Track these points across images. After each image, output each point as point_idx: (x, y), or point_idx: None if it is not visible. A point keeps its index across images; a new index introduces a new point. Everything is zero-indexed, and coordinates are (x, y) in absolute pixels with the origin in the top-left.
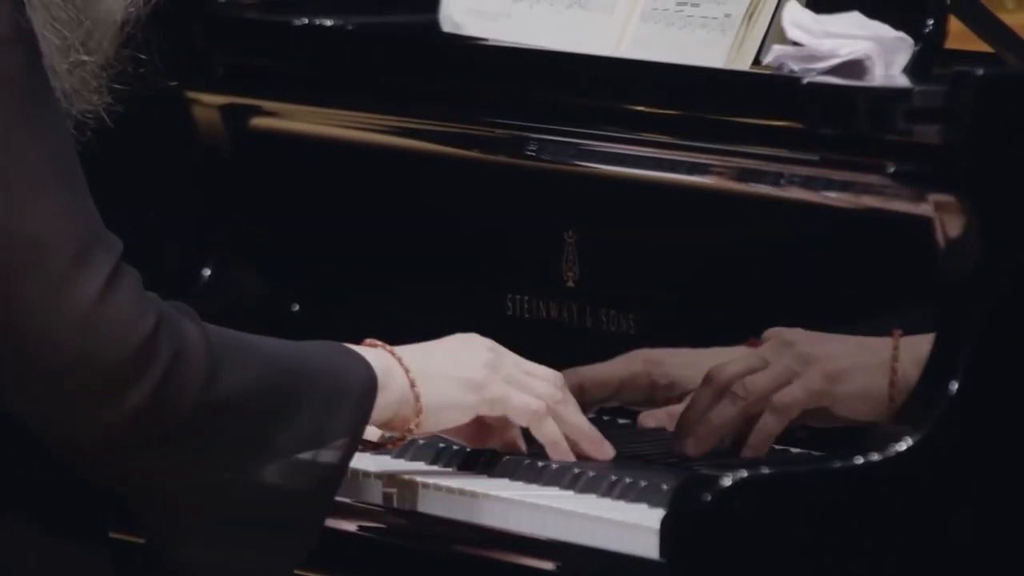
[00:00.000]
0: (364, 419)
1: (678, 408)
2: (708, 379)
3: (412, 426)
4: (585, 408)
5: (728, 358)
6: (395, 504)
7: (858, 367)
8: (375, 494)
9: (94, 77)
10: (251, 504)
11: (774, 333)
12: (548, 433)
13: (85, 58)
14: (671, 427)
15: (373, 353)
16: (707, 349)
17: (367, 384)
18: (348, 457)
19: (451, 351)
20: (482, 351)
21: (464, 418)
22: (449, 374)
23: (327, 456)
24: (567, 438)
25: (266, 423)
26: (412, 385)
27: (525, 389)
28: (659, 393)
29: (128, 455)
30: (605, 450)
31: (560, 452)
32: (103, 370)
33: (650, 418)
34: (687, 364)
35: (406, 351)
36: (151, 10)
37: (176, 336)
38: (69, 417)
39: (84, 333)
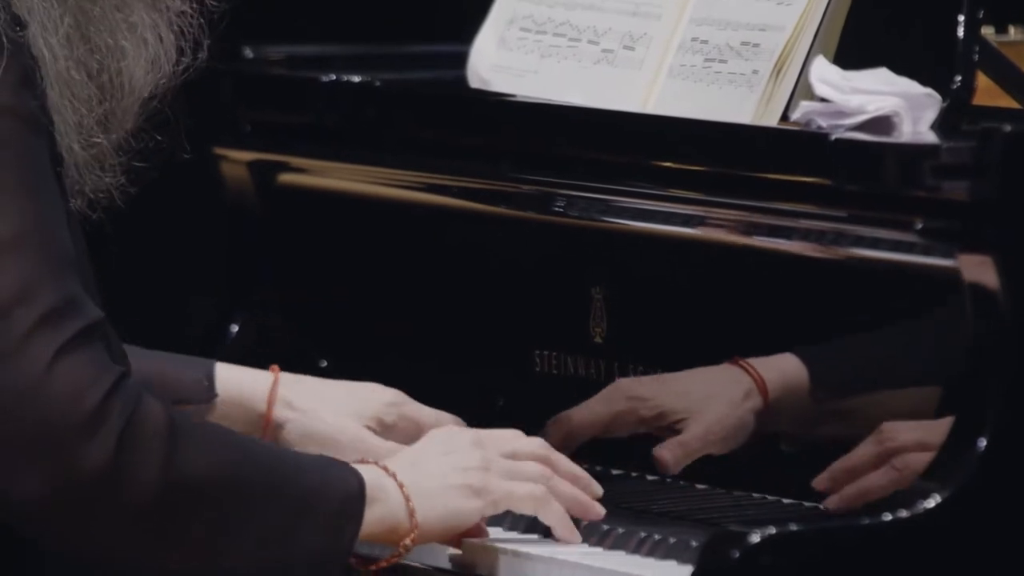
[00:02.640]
0: (344, 529)
1: (689, 438)
2: (879, 440)
3: (408, 541)
4: (570, 447)
5: (702, 377)
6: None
7: None
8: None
9: (109, 156)
10: None
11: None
12: (554, 514)
13: (98, 139)
14: (684, 456)
15: (364, 468)
16: (687, 377)
17: (351, 495)
18: (327, 564)
19: (441, 455)
20: (470, 449)
21: (468, 524)
22: (447, 483)
23: (299, 563)
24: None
25: (231, 516)
26: (408, 500)
27: (520, 476)
28: (649, 424)
29: (85, 527)
30: (596, 510)
31: (567, 530)
32: (51, 436)
33: (665, 451)
34: (669, 392)
35: (398, 464)
36: (182, 83)
37: (131, 405)
38: (19, 481)
39: (32, 398)
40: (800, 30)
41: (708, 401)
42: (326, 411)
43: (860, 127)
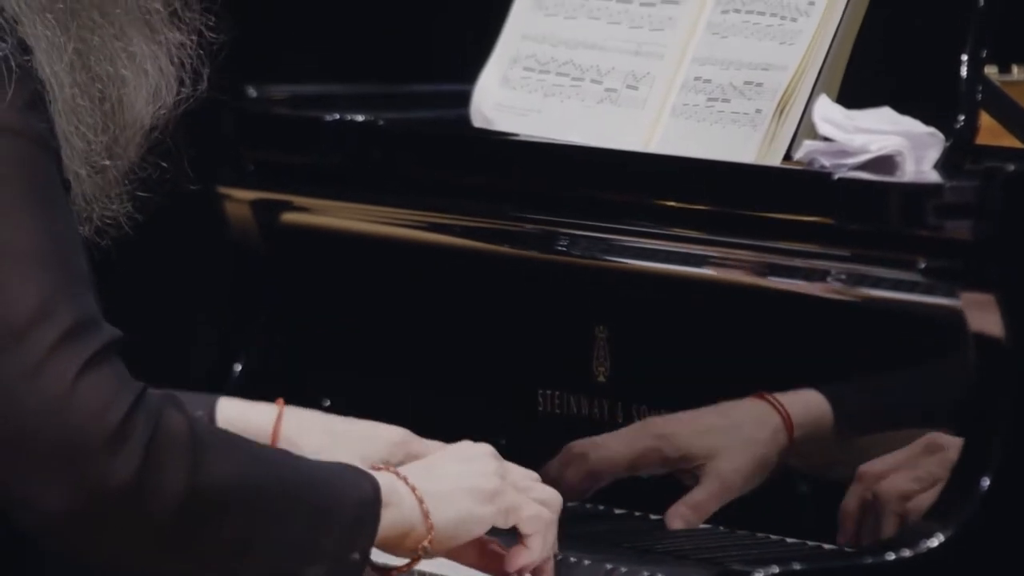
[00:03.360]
0: (361, 534)
1: (699, 499)
2: (861, 478)
3: (425, 543)
4: (592, 487)
5: (733, 412)
6: None
7: None
8: None
9: (115, 183)
10: None
11: (932, 438)
12: (550, 544)
13: (106, 163)
14: (696, 519)
15: (377, 473)
16: (713, 412)
17: (367, 500)
18: (345, 570)
19: (457, 463)
20: (488, 459)
21: (480, 530)
22: (460, 486)
23: (319, 570)
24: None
25: (253, 525)
26: (420, 503)
27: (532, 495)
28: (672, 464)
29: (110, 539)
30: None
31: (549, 562)
32: (77, 451)
33: (677, 519)
34: (696, 432)
35: (411, 470)
36: (181, 115)
37: (154, 419)
38: (45, 496)
39: (57, 415)
40: (803, 69)
41: (733, 443)
42: (335, 453)
43: (863, 166)
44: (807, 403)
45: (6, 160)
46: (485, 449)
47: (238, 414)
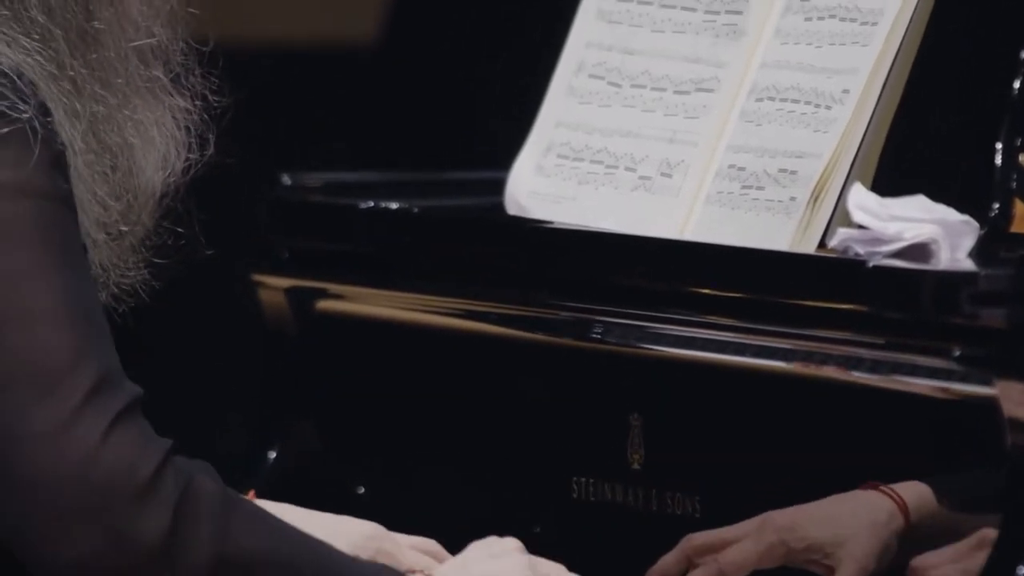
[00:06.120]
0: None
1: None
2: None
3: None
4: None
5: (844, 503)
6: None
7: None
8: None
9: (132, 251)
10: None
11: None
12: None
13: (124, 230)
14: None
15: None
16: (829, 502)
17: None
18: None
19: (487, 562)
20: (516, 554)
21: None
22: None
23: None
24: None
25: None
26: None
27: None
28: (797, 556)
29: None
30: None
31: None
32: (107, 506)
33: None
34: (818, 521)
35: (442, 572)
36: (191, 181)
37: (184, 480)
38: (72, 550)
39: (87, 468)
40: (837, 157)
41: (854, 530)
42: None
43: (897, 254)
44: (919, 491)
45: (32, 222)
46: (512, 544)
47: None
